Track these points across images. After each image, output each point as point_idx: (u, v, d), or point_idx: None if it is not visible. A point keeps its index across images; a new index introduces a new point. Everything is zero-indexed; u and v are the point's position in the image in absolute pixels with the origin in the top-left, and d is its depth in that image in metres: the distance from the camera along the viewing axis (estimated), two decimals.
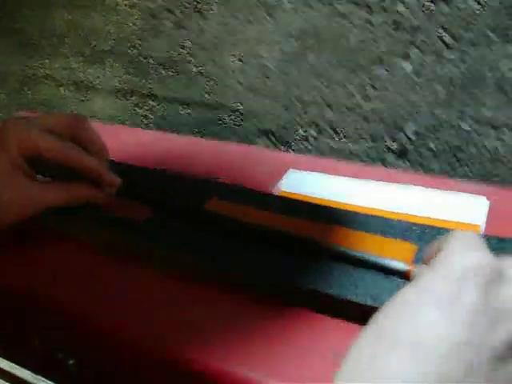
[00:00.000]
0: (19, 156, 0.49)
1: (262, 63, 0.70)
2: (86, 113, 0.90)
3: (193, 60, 0.76)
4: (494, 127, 0.60)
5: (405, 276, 0.40)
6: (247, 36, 0.70)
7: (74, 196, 0.51)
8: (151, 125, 0.84)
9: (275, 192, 0.56)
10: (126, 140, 0.70)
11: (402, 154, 0.66)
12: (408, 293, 0.28)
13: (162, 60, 0.78)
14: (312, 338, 0.39)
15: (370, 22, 0.62)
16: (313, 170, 0.59)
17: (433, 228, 0.47)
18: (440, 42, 0.60)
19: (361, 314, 0.32)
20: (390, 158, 0.67)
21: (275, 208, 0.51)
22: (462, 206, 0.52)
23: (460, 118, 0.61)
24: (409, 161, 0.66)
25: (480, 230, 0.49)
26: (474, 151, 0.62)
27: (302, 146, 0.73)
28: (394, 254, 0.43)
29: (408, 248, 0.45)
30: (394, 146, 0.66)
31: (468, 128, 0.61)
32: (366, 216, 0.49)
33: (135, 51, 0.80)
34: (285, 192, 0.56)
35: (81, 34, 0.84)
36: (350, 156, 0.70)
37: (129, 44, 0.80)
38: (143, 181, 0.57)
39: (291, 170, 0.60)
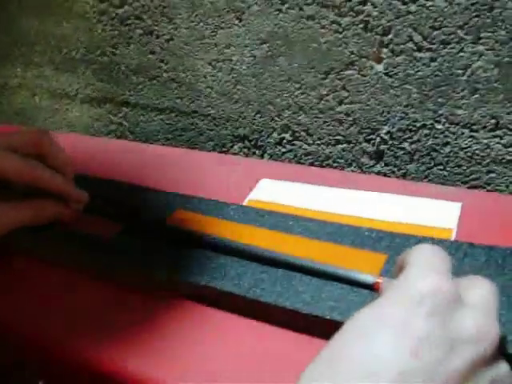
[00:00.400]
0: None
1: (233, 68, 0.69)
2: (61, 122, 0.89)
3: (163, 66, 0.74)
4: (469, 127, 0.59)
5: (373, 288, 0.39)
6: (217, 41, 0.69)
7: (40, 214, 0.50)
8: (127, 132, 0.83)
9: (245, 201, 0.55)
10: (97, 151, 0.69)
11: (377, 156, 0.65)
12: (362, 317, 0.28)
13: (133, 67, 0.77)
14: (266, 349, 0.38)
15: (339, 24, 0.61)
16: (289, 177, 0.58)
17: (402, 236, 0.46)
18: (410, 43, 0.58)
19: (325, 329, 0.31)
20: (366, 160, 0.66)
21: (240, 219, 0.50)
22: (434, 211, 0.51)
23: (434, 119, 0.60)
24: (385, 163, 0.65)
25: (452, 235, 0.48)
26: (449, 152, 0.61)
27: (276, 151, 0.71)
28: (362, 266, 0.42)
29: (377, 258, 0.44)
30: (369, 148, 0.65)
31: (442, 128, 0.60)
32: (335, 225, 0.48)
33: (106, 58, 0.78)
34: (253, 201, 0.55)
35: (52, 42, 0.82)
36: (325, 160, 0.68)
37: (99, 51, 0.78)
38: (111, 195, 0.56)
39: (264, 179, 0.59)
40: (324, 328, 0.37)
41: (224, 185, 0.59)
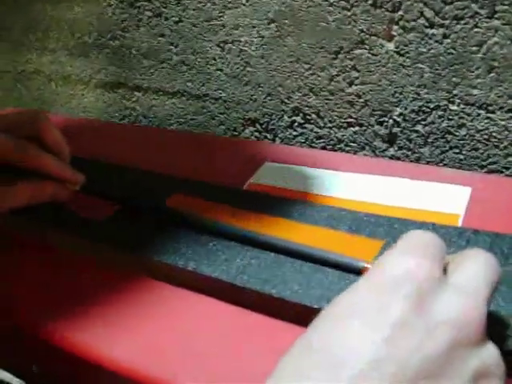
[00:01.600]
0: None
1: (242, 49, 0.67)
2: (77, 107, 0.89)
3: (173, 49, 0.73)
4: (485, 108, 0.56)
5: (361, 274, 0.37)
6: (224, 22, 0.67)
7: (37, 194, 0.50)
8: (140, 117, 0.82)
9: (246, 185, 0.53)
10: (102, 135, 0.68)
11: (390, 139, 0.62)
12: (337, 304, 0.26)
13: (143, 50, 0.75)
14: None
15: (347, 1, 0.58)
16: (296, 161, 0.56)
17: (402, 222, 0.43)
18: (422, 18, 0.55)
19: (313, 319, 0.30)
20: (379, 143, 0.63)
21: (236, 202, 0.48)
22: (442, 195, 0.49)
23: (448, 100, 0.57)
24: (398, 146, 0.62)
25: (459, 220, 0.45)
26: (464, 134, 0.58)
27: (287, 134, 0.69)
28: (357, 252, 0.40)
29: (373, 244, 0.42)
30: (382, 130, 0.62)
31: (457, 109, 0.57)
32: (333, 210, 0.46)
33: (117, 42, 0.77)
34: (254, 184, 0.53)
35: (65, 27, 0.81)
36: (337, 143, 0.66)
37: (110, 35, 0.77)
38: (110, 177, 0.55)
39: (267, 163, 0.57)
40: (312, 318, 0.35)
41: (227, 168, 0.58)
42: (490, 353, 0.24)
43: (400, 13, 0.56)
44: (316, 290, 0.38)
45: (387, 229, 0.43)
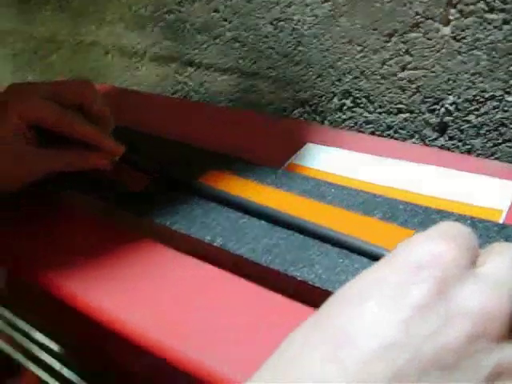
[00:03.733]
0: (21, 123, 0.49)
1: (294, 28, 0.66)
2: (131, 80, 0.89)
3: (227, 25, 0.72)
4: None
5: None
6: None
7: (76, 162, 0.51)
8: (192, 92, 0.82)
9: (285, 165, 0.52)
10: (151, 107, 0.69)
11: (441, 128, 0.60)
12: (355, 284, 0.25)
13: (197, 25, 0.75)
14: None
15: None
16: (339, 144, 0.55)
17: (440, 213, 0.42)
18: (481, 2, 0.53)
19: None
20: (429, 132, 0.61)
21: (272, 182, 0.48)
22: (487, 189, 0.46)
23: (504, 90, 0.54)
24: (449, 136, 0.60)
25: (502, 216, 0.43)
26: None
27: (336, 117, 0.68)
28: (386, 240, 0.38)
29: (404, 234, 0.40)
30: (433, 119, 0.60)
31: None
32: (369, 195, 0.45)
33: (172, 16, 0.77)
34: (293, 165, 0.52)
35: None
36: (386, 129, 0.64)
37: (166, 9, 0.77)
38: (149, 148, 0.55)
39: (309, 143, 0.56)
40: None
41: (268, 146, 0.57)
42: (510, 353, 0.23)
43: None
44: (340, 275, 0.37)
45: (422, 219, 0.41)
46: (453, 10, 0.54)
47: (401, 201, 0.43)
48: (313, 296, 0.36)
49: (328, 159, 0.53)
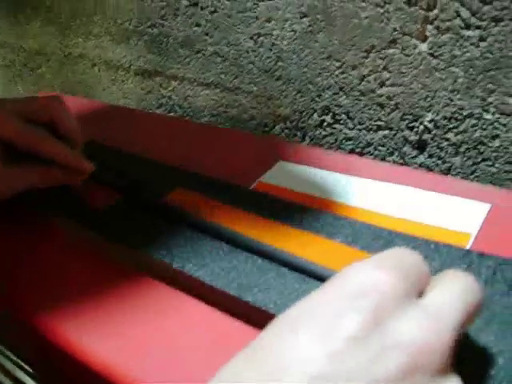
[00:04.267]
0: None
1: (274, 43, 0.65)
2: (118, 93, 0.89)
3: (208, 39, 0.71)
4: None
5: None
6: (258, 14, 0.64)
7: (46, 178, 0.50)
8: (176, 107, 0.81)
9: (255, 183, 0.51)
10: (126, 122, 0.68)
11: (420, 145, 0.59)
12: (292, 310, 0.24)
13: (180, 39, 0.74)
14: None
15: None
16: (311, 163, 0.54)
17: (403, 237, 0.40)
18: (458, 19, 0.51)
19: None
20: (409, 149, 0.60)
21: (241, 202, 0.47)
22: (457, 211, 0.45)
23: (482, 107, 0.53)
24: (428, 154, 0.59)
25: (469, 241, 0.41)
26: (498, 146, 0.54)
27: (317, 133, 0.67)
28: (344, 264, 0.37)
29: (358, 256, 0.39)
30: (412, 136, 0.59)
31: (492, 119, 0.53)
32: (333, 218, 0.44)
33: (156, 30, 0.77)
34: (262, 183, 0.51)
35: (107, 12, 0.82)
36: (366, 146, 0.63)
37: (149, 23, 0.77)
38: (119, 165, 0.55)
39: (281, 161, 0.55)
40: None
41: (239, 164, 0.56)
42: None
43: (435, 12, 0.52)
44: (296, 301, 0.35)
45: (384, 243, 0.40)
46: (430, 27, 0.53)
47: (365, 223, 0.42)
48: (267, 321, 0.35)
49: (299, 178, 0.51)
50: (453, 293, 0.24)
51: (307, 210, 0.45)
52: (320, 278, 0.37)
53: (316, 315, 0.23)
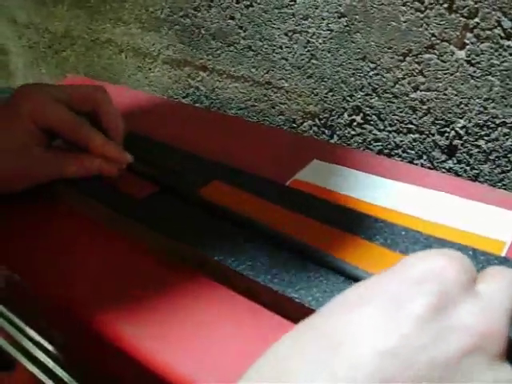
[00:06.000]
0: (33, 125, 0.49)
1: (309, 40, 0.65)
2: (143, 81, 0.89)
3: (242, 33, 0.72)
4: None
5: None
6: (295, 11, 0.65)
7: (82, 168, 0.51)
8: (203, 97, 0.82)
9: (290, 181, 0.52)
10: (163, 113, 0.69)
11: (449, 151, 0.60)
12: (355, 289, 0.25)
13: (212, 31, 0.75)
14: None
15: (422, 2, 0.55)
16: (346, 162, 0.55)
17: (441, 241, 0.41)
18: (498, 28, 0.52)
19: None
20: (438, 154, 0.61)
21: (274, 199, 0.47)
22: (491, 219, 0.46)
23: None
24: (457, 159, 0.59)
25: (504, 248, 0.42)
26: None
27: (346, 132, 0.67)
28: (385, 268, 0.38)
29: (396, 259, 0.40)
30: (442, 141, 0.60)
31: None
32: (371, 220, 0.44)
33: (188, 20, 0.77)
34: (297, 181, 0.52)
35: (138, 0, 0.82)
36: (394, 148, 0.64)
37: (182, 13, 0.77)
38: (156, 157, 0.55)
39: (315, 160, 0.55)
40: None
41: (275, 160, 0.56)
42: (506, 375, 0.22)
43: (476, 20, 0.53)
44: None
45: (422, 247, 0.41)
46: (469, 34, 0.54)
47: (402, 227, 0.43)
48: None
49: (333, 177, 0.52)
50: (502, 285, 0.25)
51: (344, 210, 0.46)
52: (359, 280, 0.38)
53: (382, 294, 0.23)
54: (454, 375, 0.21)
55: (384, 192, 0.50)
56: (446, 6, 0.54)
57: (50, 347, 0.49)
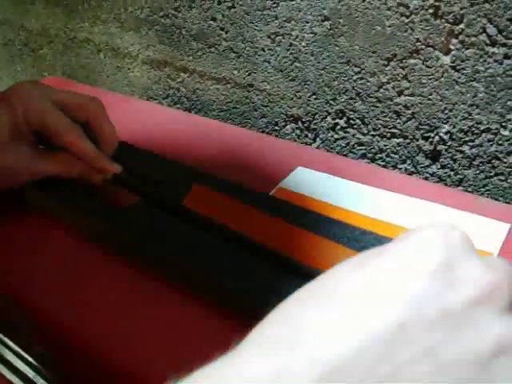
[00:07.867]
0: (25, 125, 0.49)
1: (292, 43, 0.65)
2: (122, 81, 0.88)
3: (223, 34, 0.71)
4: None
5: None
6: (277, 13, 0.64)
7: (67, 170, 0.51)
8: (183, 99, 0.80)
9: (275, 189, 0.51)
10: (144, 117, 0.67)
11: (433, 156, 0.59)
12: (361, 255, 0.25)
13: (193, 32, 0.74)
14: None
15: (407, 7, 0.55)
16: (329, 169, 0.54)
17: None
18: (483, 35, 0.52)
19: None
20: (421, 159, 0.60)
21: (258, 207, 0.47)
22: (477, 229, 0.46)
23: (500, 123, 0.54)
24: (441, 165, 0.59)
25: None
26: None
27: (329, 136, 0.67)
28: None
29: None
30: (426, 146, 0.59)
31: (508, 135, 0.54)
32: (354, 229, 0.44)
33: (168, 20, 0.76)
34: (282, 189, 0.51)
35: None
36: (378, 153, 0.63)
37: (162, 13, 0.76)
38: (138, 164, 0.55)
39: (299, 167, 0.55)
40: None
41: (260, 168, 0.56)
42: None
43: (461, 26, 0.53)
44: None
45: None
46: (454, 40, 0.53)
47: (386, 237, 0.43)
48: None
49: (317, 185, 0.52)
50: (502, 274, 0.25)
51: (328, 220, 0.45)
52: None
53: (393, 252, 0.23)
54: (465, 326, 0.21)
55: (369, 201, 0.49)
56: (431, 11, 0.53)
57: (30, 359, 0.48)
